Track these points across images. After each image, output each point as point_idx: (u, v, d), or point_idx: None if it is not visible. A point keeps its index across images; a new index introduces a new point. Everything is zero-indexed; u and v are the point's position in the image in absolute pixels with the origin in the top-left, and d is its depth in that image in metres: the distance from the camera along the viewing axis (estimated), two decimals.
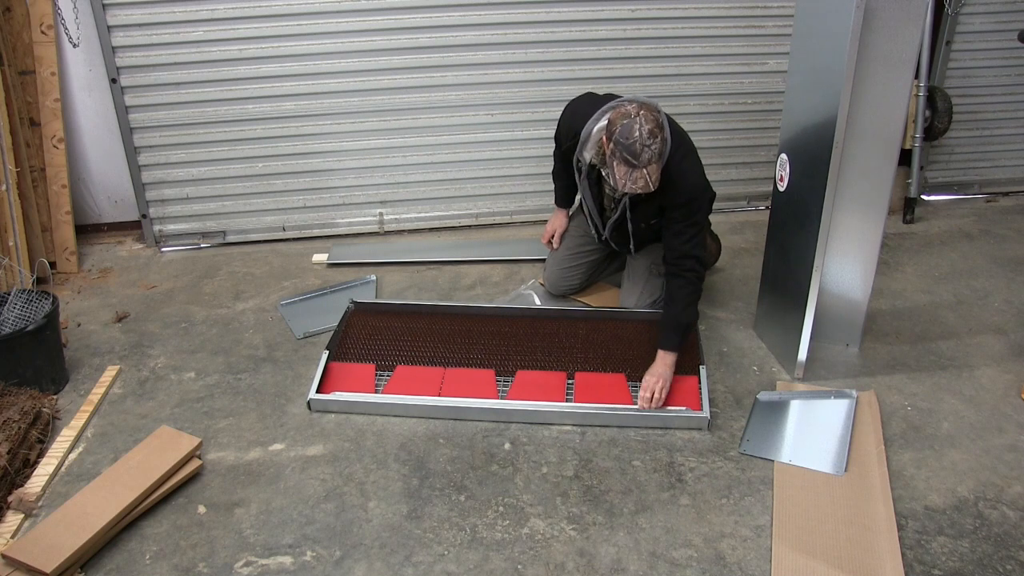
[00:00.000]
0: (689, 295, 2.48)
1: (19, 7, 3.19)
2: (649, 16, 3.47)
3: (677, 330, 2.46)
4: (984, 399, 2.48)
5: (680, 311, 2.47)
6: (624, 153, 2.23)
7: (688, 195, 2.43)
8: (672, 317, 2.48)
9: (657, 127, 2.24)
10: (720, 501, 2.09)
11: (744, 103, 3.70)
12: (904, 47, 2.24)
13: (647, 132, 2.21)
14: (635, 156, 2.22)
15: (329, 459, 2.26)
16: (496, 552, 1.94)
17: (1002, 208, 3.93)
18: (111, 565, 1.92)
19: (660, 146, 2.25)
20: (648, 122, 2.23)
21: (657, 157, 2.25)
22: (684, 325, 2.47)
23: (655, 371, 2.42)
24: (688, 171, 2.44)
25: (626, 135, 2.22)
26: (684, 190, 2.42)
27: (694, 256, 2.47)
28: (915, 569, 1.87)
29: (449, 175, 3.69)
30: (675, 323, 2.47)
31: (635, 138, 2.21)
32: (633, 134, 2.21)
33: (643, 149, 2.21)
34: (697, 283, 2.49)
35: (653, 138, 2.22)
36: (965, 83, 3.80)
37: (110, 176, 3.58)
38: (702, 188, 2.49)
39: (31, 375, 2.47)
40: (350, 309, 2.87)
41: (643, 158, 2.22)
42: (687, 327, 2.49)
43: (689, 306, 2.48)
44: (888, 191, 2.44)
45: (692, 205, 2.45)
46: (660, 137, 2.24)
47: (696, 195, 2.45)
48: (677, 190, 2.41)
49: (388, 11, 3.34)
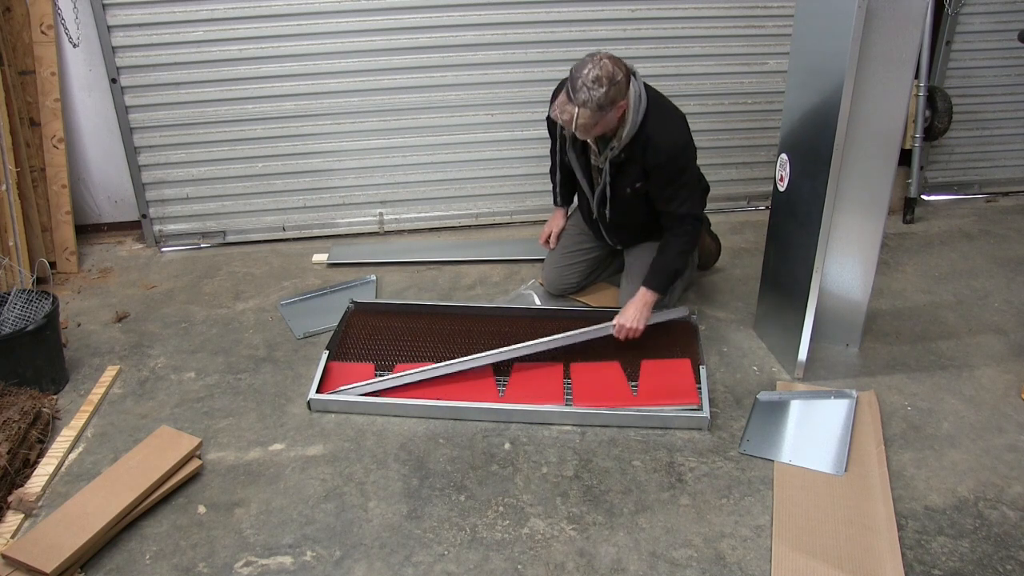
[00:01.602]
0: (683, 245, 2.59)
1: (19, 7, 3.19)
2: (649, 16, 3.47)
3: (664, 273, 2.57)
4: (984, 399, 2.48)
5: (671, 258, 2.58)
6: (568, 84, 2.30)
7: (667, 153, 2.45)
8: (662, 261, 2.59)
9: (607, 78, 2.24)
10: (720, 501, 2.09)
11: (744, 103, 3.70)
12: (904, 47, 2.24)
13: (593, 76, 2.24)
14: (574, 90, 2.27)
15: (329, 459, 2.26)
16: (496, 552, 1.94)
17: (1002, 208, 3.93)
18: (111, 565, 1.92)
19: (601, 97, 2.25)
20: (600, 69, 2.25)
21: (593, 104, 2.25)
22: (672, 271, 2.59)
23: (629, 315, 2.54)
24: (665, 130, 2.46)
25: (577, 69, 2.28)
26: (662, 149, 2.44)
27: (691, 215, 2.55)
28: (915, 569, 1.87)
29: (449, 175, 3.69)
30: (663, 267, 2.58)
31: (582, 75, 2.25)
32: (582, 71, 2.26)
33: (582, 87, 2.24)
34: (694, 236, 2.59)
35: (597, 84, 2.23)
36: (965, 83, 3.80)
37: (110, 176, 3.58)
38: (681, 146, 2.50)
39: (31, 375, 2.47)
40: (350, 309, 2.87)
41: (579, 97, 2.25)
42: (675, 273, 2.60)
43: (681, 255, 2.58)
44: (888, 191, 2.44)
45: (673, 164, 2.48)
46: (604, 89, 2.24)
47: (676, 153, 2.47)
48: (656, 149, 2.45)
49: (388, 11, 3.34)
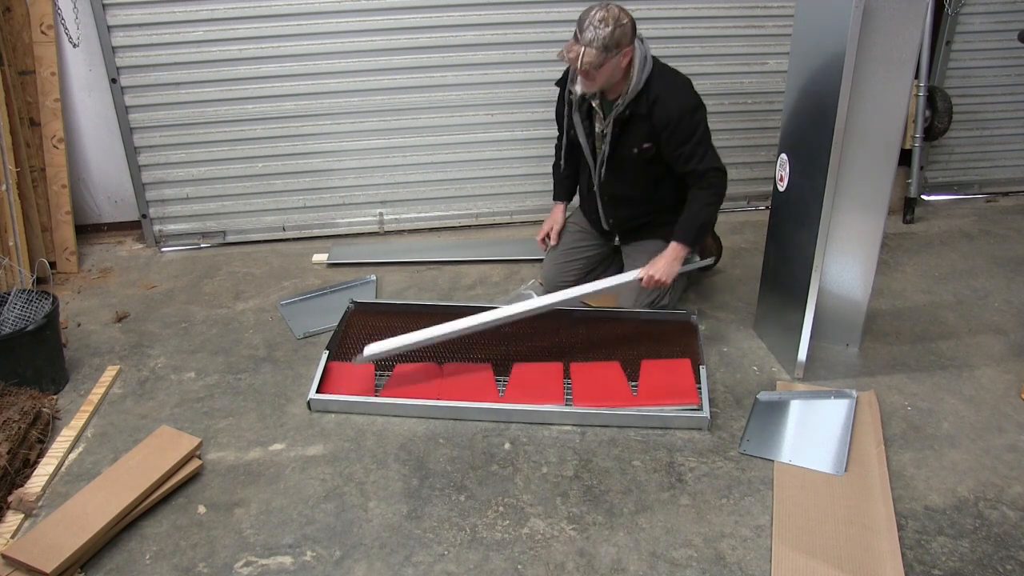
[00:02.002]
0: (709, 197, 2.62)
1: (19, 7, 3.19)
2: (649, 16, 3.47)
3: (693, 226, 2.63)
4: (984, 399, 2.48)
5: (699, 210, 2.62)
6: (577, 27, 2.44)
7: (678, 110, 2.51)
8: (691, 214, 2.63)
9: (612, 19, 2.39)
10: (720, 501, 2.09)
11: (744, 103, 3.70)
12: (904, 47, 2.24)
13: (600, 17, 2.39)
14: (581, 30, 2.41)
15: (329, 459, 2.26)
16: (496, 552, 1.94)
17: (1002, 208, 3.93)
18: (111, 565, 1.92)
19: (607, 36, 2.37)
20: (607, 11, 2.40)
21: (599, 43, 2.38)
22: (700, 223, 2.64)
23: (660, 266, 2.61)
24: (674, 90, 2.54)
25: (584, 14, 2.43)
26: (672, 107, 2.51)
27: (714, 168, 2.59)
28: (915, 569, 1.87)
29: (449, 175, 3.69)
30: (692, 220, 2.63)
31: (588, 16, 2.41)
32: (589, 13, 2.41)
33: (588, 26, 2.39)
34: (719, 187, 2.63)
35: (603, 24, 2.38)
36: (965, 83, 3.80)
37: (110, 176, 3.58)
38: (694, 105, 2.56)
39: (31, 375, 2.47)
40: (350, 309, 2.87)
41: (586, 36, 2.39)
42: (703, 225, 2.65)
43: (708, 206, 2.62)
44: (888, 191, 2.44)
45: (686, 121, 2.53)
46: (610, 29, 2.37)
47: (687, 111, 2.53)
48: (665, 107, 2.51)
49: (388, 11, 3.35)
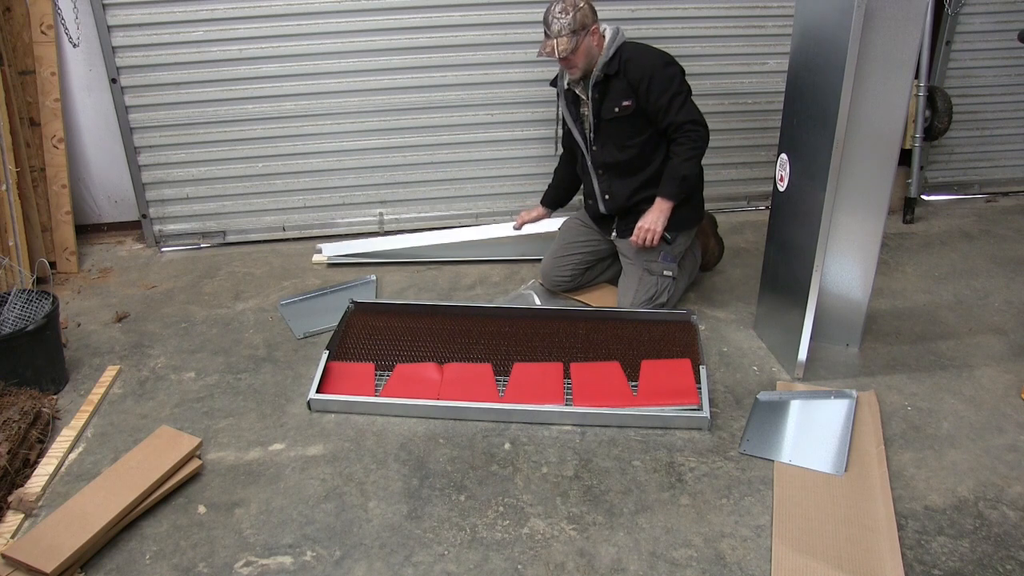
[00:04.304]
0: (688, 150, 2.67)
1: (19, 7, 3.19)
2: (649, 16, 3.47)
3: (673, 179, 2.68)
4: (984, 399, 2.48)
5: (679, 163, 2.68)
6: (544, 27, 2.63)
7: (651, 65, 2.64)
8: (671, 168, 2.69)
9: (571, 6, 2.57)
10: (720, 501, 2.09)
11: (744, 103, 3.70)
12: (904, 47, 2.24)
13: (559, 9, 2.57)
14: (548, 26, 2.60)
15: (329, 459, 2.26)
16: (496, 552, 1.94)
17: (1002, 208, 3.93)
18: (111, 565, 1.92)
19: (570, 22, 2.55)
20: (562, 2, 2.58)
21: (567, 31, 2.56)
22: (681, 177, 2.68)
23: (648, 219, 2.70)
24: (646, 51, 2.68)
25: (545, 13, 2.61)
26: (645, 62, 2.64)
27: (691, 120, 2.65)
28: (915, 569, 1.87)
29: (449, 175, 3.69)
30: (673, 173, 2.69)
31: (549, 12, 2.60)
32: (549, 10, 2.60)
33: (553, 20, 2.58)
34: (697, 140, 2.66)
35: (564, 13, 2.56)
36: (965, 83, 3.81)
37: (110, 176, 3.58)
38: (665, 61, 2.67)
39: (31, 375, 2.47)
40: (350, 309, 2.87)
41: (553, 28, 2.58)
42: (683, 179, 2.69)
43: (688, 160, 2.66)
44: (888, 191, 2.44)
45: (660, 76, 2.64)
46: (572, 15, 2.56)
47: (658, 66, 2.64)
48: (638, 65, 2.64)
49: (388, 11, 3.35)
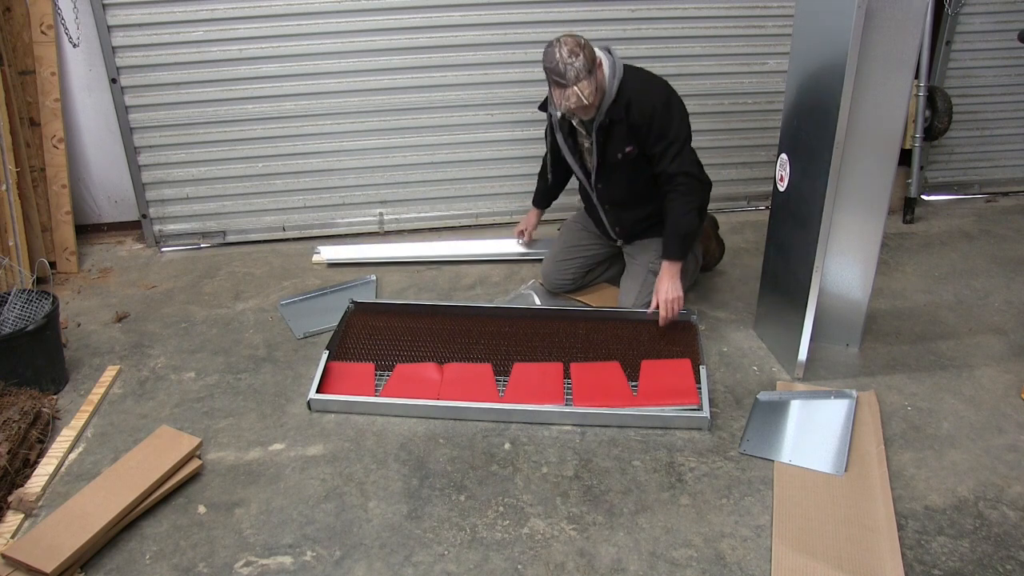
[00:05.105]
0: (683, 204, 2.59)
1: (19, 7, 3.19)
2: (649, 16, 3.47)
3: (676, 238, 2.61)
4: (984, 399, 2.48)
5: (676, 220, 2.60)
6: (553, 76, 2.42)
7: (651, 108, 2.52)
8: (671, 227, 2.62)
9: (577, 47, 2.39)
10: (720, 501, 2.09)
11: (744, 103, 3.70)
12: (904, 47, 2.24)
13: (567, 52, 2.38)
14: (562, 76, 2.39)
15: (329, 459, 2.26)
16: (496, 552, 1.94)
17: (1002, 208, 3.93)
18: (111, 565, 1.92)
19: (584, 63, 2.38)
20: (567, 44, 2.39)
21: (584, 73, 2.39)
22: (682, 235, 2.61)
23: (665, 288, 2.60)
24: (646, 88, 2.56)
25: (550, 60, 2.41)
26: (646, 103, 2.53)
27: (683, 172, 2.57)
28: (915, 569, 1.87)
29: (449, 175, 3.69)
30: (672, 232, 2.62)
31: (557, 59, 2.39)
32: (555, 57, 2.39)
33: (567, 68, 2.38)
34: (689, 193, 2.58)
35: (574, 56, 2.37)
36: (965, 83, 3.80)
37: (110, 176, 3.58)
38: (664, 100, 2.56)
39: (31, 375, 2.47)
40: (350, 309, 2.87)
41: (569, 76, 2.39)
42: (685, 236, 2.61)
43: (685, 215, 2.59)
44: (888, 191, 2.44)
45: (659, 119, 2.53)
46: (582, 56, 2.38)
47: (660, 109, 2.54)
48: (639, 108, 2.53)
49: (388, 11, 3.35)
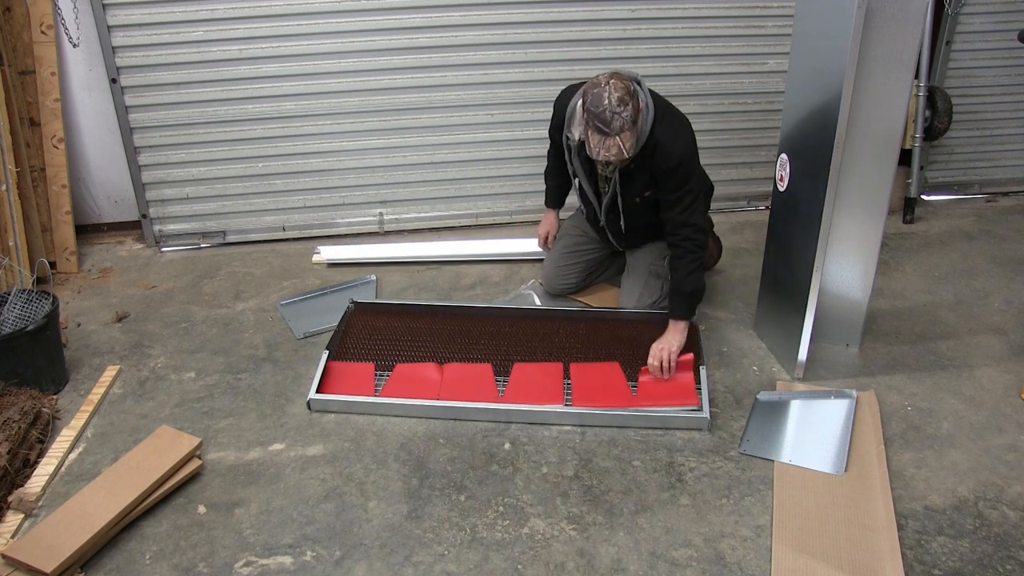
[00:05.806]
0: (689, 263, 2.53)
1: (19, 7, 3.19)
2: (649, 16, 3.47)
3: (681, 299, 2.54)
4: (984, 399, 2.48)
5: (682, 279, 2.53)
6: (596, 121, 2.27)
7: (678, 158, 2.44)
8: (676, 288, 2.55)
9: (628, 95, 2.26)
10: (720, 501, 2.09)
11: (744, 103, 3.70)
12: (904, 47, 2.24)
13: (616, 100, 2.24)
14: (606, 124, 2.26)
15: (329, 459, 2.26)
16: (496, 552, 1.94)
17: (1002, 208, 3.93)
18: (111, 565, 1.92)
19: (632, 113, 2.27)
20: (618, 90, 2.25)
21: (630, 124, 2.28)
22: (687, 293, 2.53)
23: (663, 340, 2.50)
24: (675, 135, 2.46)
25: (596, 104, 2.26)
26: (674, 154, 2.44)
27: (691, 224, 2.51)
28: (915, 569, 1.87)
29: (449, 175, 3.69)
30: (678, 292, 2.54)
31: (604, 106, 2.24)
32: (603, 102, 2.25)
33: (613, 116, 2.25)
34: (696, 251, 2.53)
35: (623, 105, 2.24)
36: (965, 83, 3.80)
37: (110, 176, 3.58)
38: (690, 155, 2.49)
39: (31, 375, 2.47)
40: (350, 309, 2.87)
41: (614, 125, 2.26)
42: (691, 295, 2.54)
43: (690, 274, 2.53)
44: (888, 191, 2.44)
45: (681, 170, 2.47)
46: (631, 105, 2.26)
47: (684, 159, 2.46)
48: (665, 156, 2.44)
49: (388, 11, 3.34)
